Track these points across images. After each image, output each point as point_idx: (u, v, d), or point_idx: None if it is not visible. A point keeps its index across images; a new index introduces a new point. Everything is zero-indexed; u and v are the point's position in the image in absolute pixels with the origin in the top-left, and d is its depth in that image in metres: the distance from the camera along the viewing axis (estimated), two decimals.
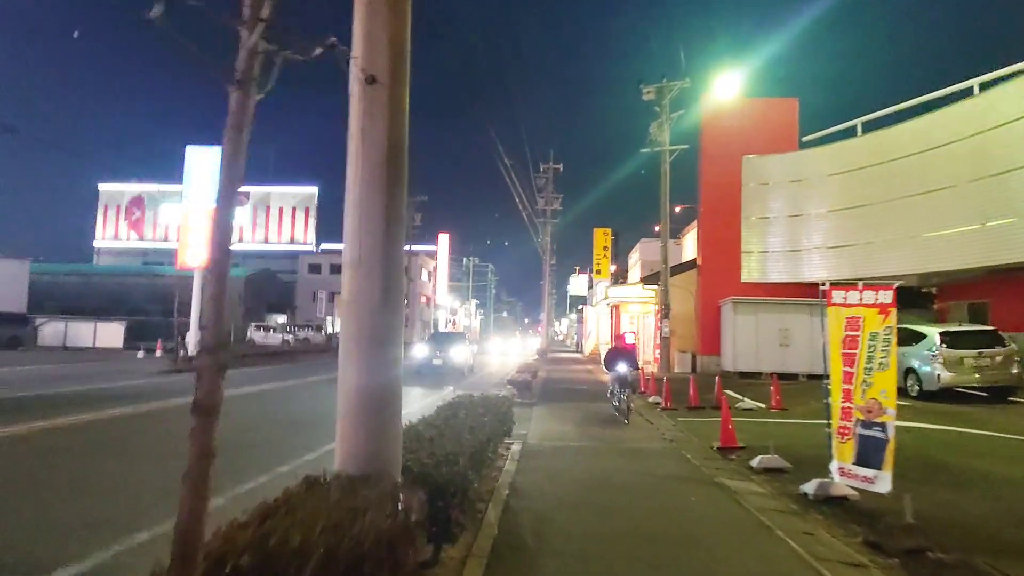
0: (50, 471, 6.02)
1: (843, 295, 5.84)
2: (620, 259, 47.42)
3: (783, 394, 12.96)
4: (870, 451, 5.42)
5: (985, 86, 15.45)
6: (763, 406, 12.77)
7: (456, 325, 72.00)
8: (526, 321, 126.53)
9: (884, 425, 5.38)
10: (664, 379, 13.77)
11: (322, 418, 8.51)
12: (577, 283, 66.06)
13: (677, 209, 31.77)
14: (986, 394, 13.38)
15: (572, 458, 7.38)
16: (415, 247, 48.18)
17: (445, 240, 67.79)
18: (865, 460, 5.46)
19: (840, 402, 5.75)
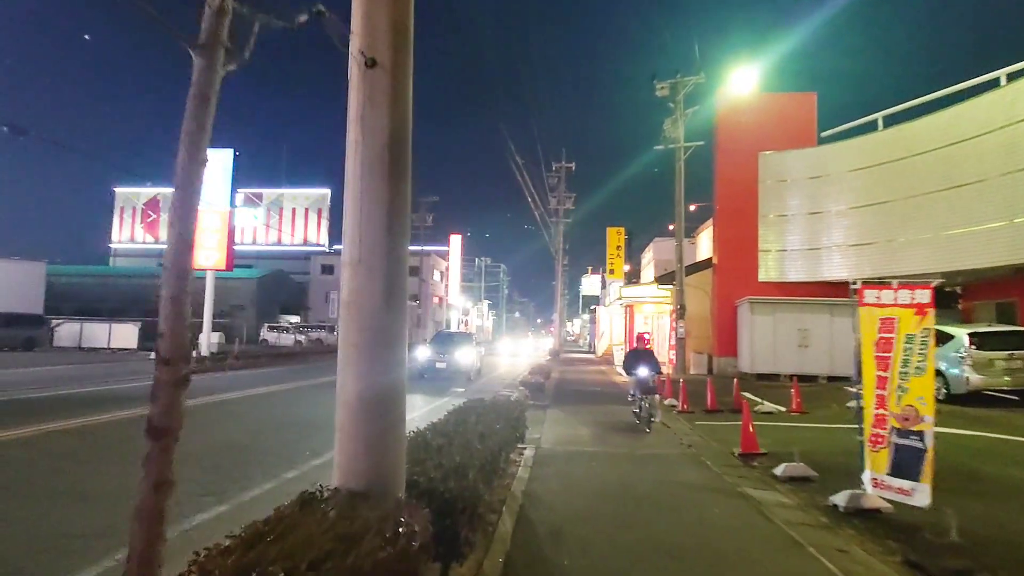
0: (51, 476, 5.86)
1: (876, 294, 5.51)
2: (633, 259, 46.97)
3: (803, 397, 12.58)
4: (907, 461, 5.10)
5: (1013, 76, 14.89)
6: (783, 409, 12.40)
7: (468, 325, 71.92)
8: (538, 321, 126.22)
9: (922, 434, 5.05)
10: (680, 381, 13.43)
11: (331, 422, 8.29)
12: (589, 283, 65.65)
13: (692, 207, 31.29)
14: (1017, 397, 12.89)
15: (587, 464, 7.11)
16: (427, 247, 48.09)
17: (457, 241, 67.76)
18: (901, 471, 5.13)
19: (873, 408, 5.43)
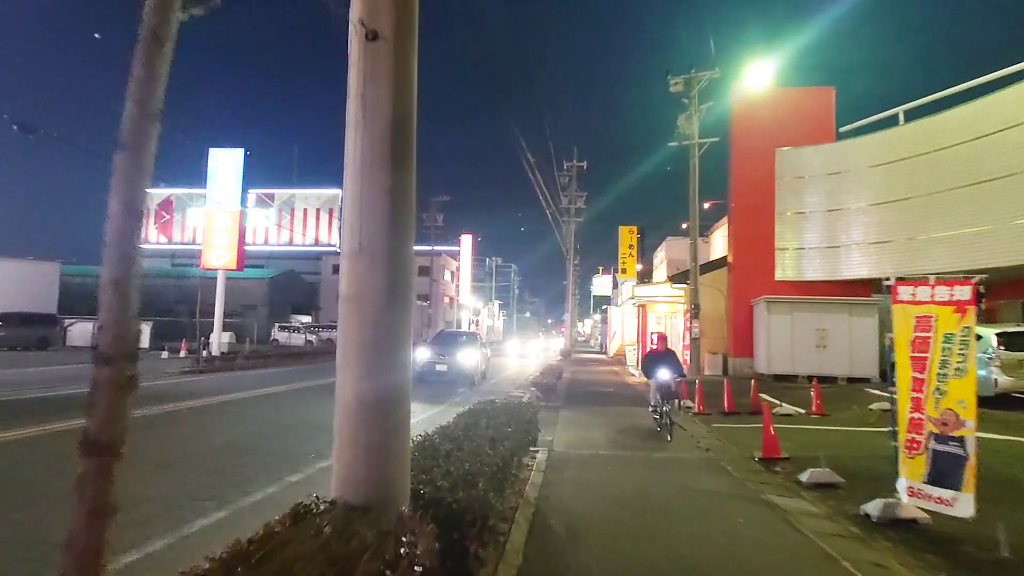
0: (52, 479, 5.68)
1: (911, 291, 5.19)
2: (645, 258, 46.46)
3: (822, 398, 12.21)
4: (946, 469, 4.78)
5: None
6: (802, 411, 12.05)
7: (479, 325, 71.70)
8: (549, 321, 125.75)
9: (963, 440, 4.73)
10: (696, 382, 13.10)
11: None
12: (600, 283, 65.16)
13: (706, 205, 30.82)
14: None
15: (602, 469, 6.83)
16: (438, 247, 47.96)
17: (468, 241, 67.66)
18: (939, 479, 4.81)
19: (908, 412, 5.11)
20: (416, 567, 2.02)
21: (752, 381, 13.78)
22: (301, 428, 8.94)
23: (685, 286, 20.91)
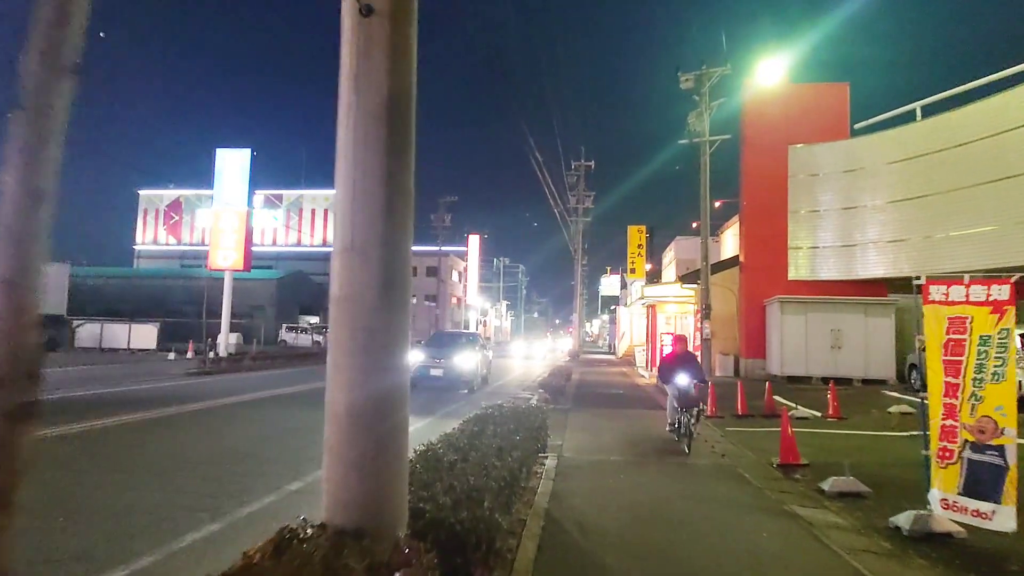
0: (38, 488, 5.47)
1: (944, 291, 4.89)
2: (653, 258, 46.09)
3: (839, 401, 11.86)
4: (984, 480, 4.47)
5: None
6: (818, 414, 11.71)
7: (487, 326, 71.49)
8: (556, 322, 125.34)
9: (1002, 448, 4.42)
10: (708, 384, 12.78)
11: None
12: (608, 283, 64.78)
13: (717, 204, 30.42)
14: None
15: (614, 477, 6.56)
16: (445, 248, 47.78)
17: (475, 241, 67.42)
18: (976, 490, 4.51)
19: (941, 419, 4.80)
20: None
21: (766, 383, 13.44)
22: (305, 432, 8.71)
23: (695, 286, 20.55)
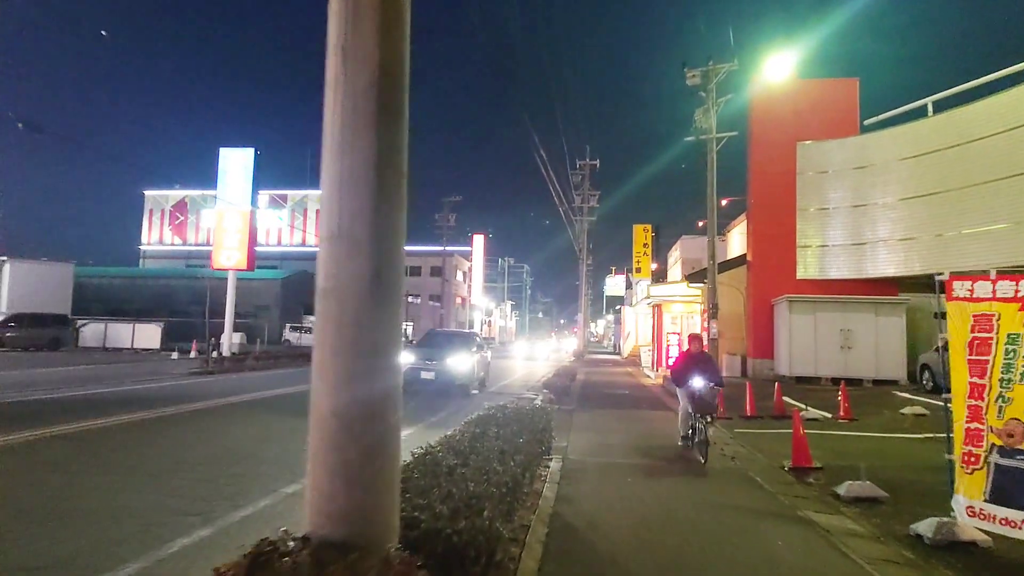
0: (29, 490, 5.32)
1: (968, 287, 4.65)
2: (659, 257, 45.79)
3: (850, 402, 11.61)
4: (1013, 486, 4.24)
5: None
6: (829, 416, 11.47)
7: (491, 326, 71.29)
8: (561, 321, 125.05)
9: None
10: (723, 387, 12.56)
11: None
12: (613, 283, 64.53)
13: (724, 202, 30.12)
14: None
15: (621, 480, 6.35)
16: (450, 247, 47.62)
17: (480, 241, 67.28)
18: (1005, 498, 4.27)
19: (965, 422, 4.57)
20: None
21: (775, 384, 13.19)
22: (305, 432, 8.46)
23: (702, 285, 20.28)
